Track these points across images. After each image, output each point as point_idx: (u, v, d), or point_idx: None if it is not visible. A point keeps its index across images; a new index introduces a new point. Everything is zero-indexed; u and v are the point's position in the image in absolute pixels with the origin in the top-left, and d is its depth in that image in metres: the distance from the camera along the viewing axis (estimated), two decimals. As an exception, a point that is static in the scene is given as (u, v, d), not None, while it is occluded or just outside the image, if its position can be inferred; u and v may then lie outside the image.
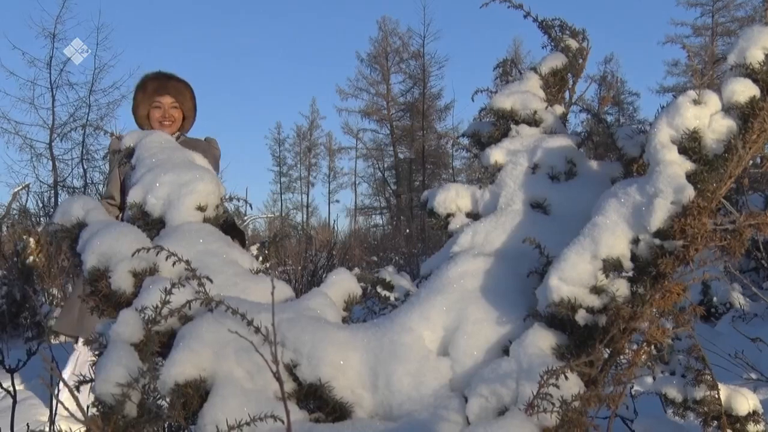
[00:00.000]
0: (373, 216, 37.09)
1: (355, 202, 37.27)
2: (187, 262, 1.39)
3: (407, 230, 14.89)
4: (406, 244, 14.16)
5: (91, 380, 1.25)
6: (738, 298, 4.96)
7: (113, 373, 1.15)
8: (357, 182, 37.79)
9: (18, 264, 6.66)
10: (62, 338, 6.64)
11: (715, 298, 4.99)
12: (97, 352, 1.33)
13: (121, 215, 3.94)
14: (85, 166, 19.24)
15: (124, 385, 1.16)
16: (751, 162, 1.29)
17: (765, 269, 4.59)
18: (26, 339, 6.09)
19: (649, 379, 3.13)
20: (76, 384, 1.30)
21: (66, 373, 3.40)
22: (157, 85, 3.95)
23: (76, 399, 0.96)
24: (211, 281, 1.37)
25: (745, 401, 1.51)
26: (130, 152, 1.83)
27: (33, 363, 3.27)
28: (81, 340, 3.46)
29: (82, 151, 19.20)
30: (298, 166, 39.59)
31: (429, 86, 34.94)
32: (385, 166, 36.59)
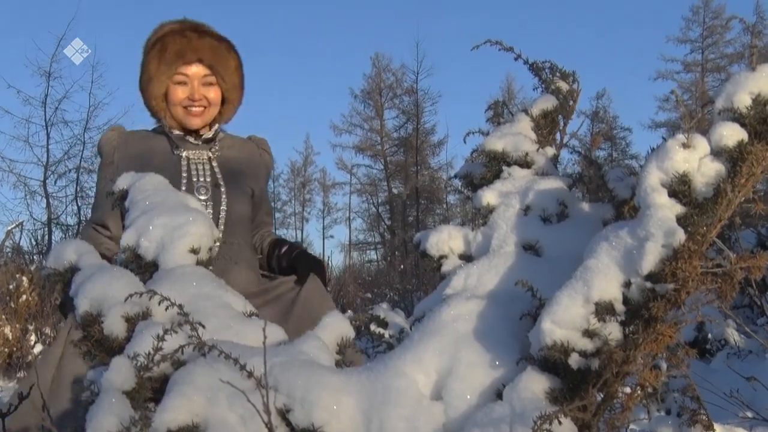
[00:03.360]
0: (368, 251, 37.05)
1: (350, 238, 37.26)
2: (180, 307, 1.39)
3: (401, 266, 14.87)
4: (400, 280, 14.15)
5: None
6: (733, 335, 4.96)
7: (105, 422, 1.15)
8: (351, 217, 37.82)
9: (11, 303, 6.63)
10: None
11: (709, 335, 4.98)
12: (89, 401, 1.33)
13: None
14: (80, 204, 19.22)
15: (115, 433, 1.16)
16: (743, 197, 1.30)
17: (759, 306, 4.59)
18: (18, 379, 6.04)
19: (644, 415, 3.11)
20: None
21: None
22: (183, 45, 2.61)
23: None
24: (203, 327, 1.37)
25: (740, 443, 1.51)
26: (124, 195, 1.84)
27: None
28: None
29: (76, 189, 19.20)
30: (293, 201, 39.60)
31: (422, 122, 35.13)
32: (380, 201, 36.64)
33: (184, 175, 2.62)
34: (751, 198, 1.30)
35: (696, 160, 1.26)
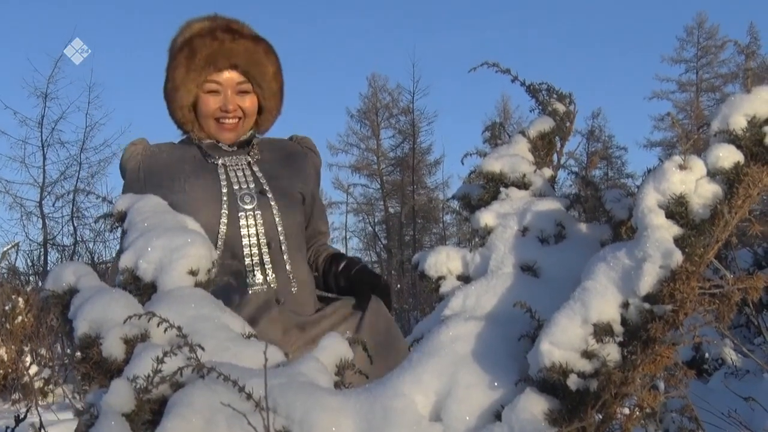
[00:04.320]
0: (364, 271, 36.88)
1: (346, 257, 37.10)
2: (179, 328, 1.39)
3: (398, 285, 14.85)
4: (397, 300, 14.13)
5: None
6: (730, 354, 4.96)
7: (104, 445, 1.15)
8: (348, 237, 37.75)
9: (6, 324, 6.61)
10: (50, 399, 6.56)
11: (707, 355, 4.99)
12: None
13: None
14: (75, 224, 19.20)
15: (114, 456, 1.16)
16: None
17: (756, 326, 4.60)
18: (13, 401, 6.02)
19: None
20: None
21: None
22: (214, 48, 2.33)
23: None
24: (202, 348, 1.37)
25: (739, 464, 1.51)
26: (122, 216, 1.84)
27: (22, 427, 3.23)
28: None
29: (72, 209, 19.18)
30: (289, 221, 39.46)
31: (419, 141, 35.17)
32: (376, 220, 36.61)
33: (224, 182, 2.35)
34: (748, 218, 1.31)
35: (693, 182, 1.27)
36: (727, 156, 1.26)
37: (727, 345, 5.03)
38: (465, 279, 1.63)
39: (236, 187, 2.36)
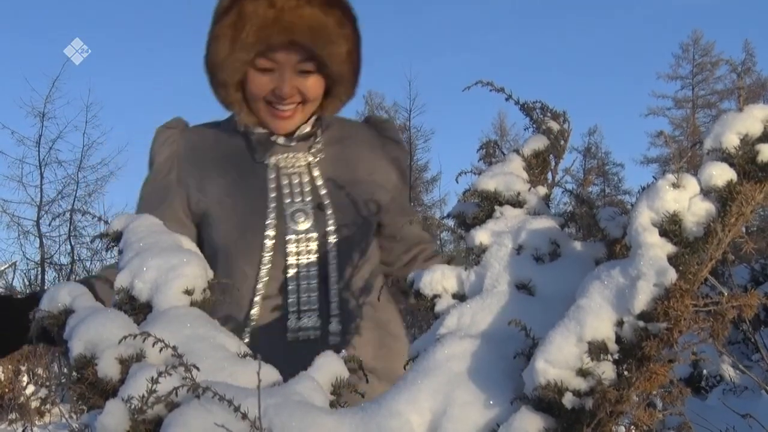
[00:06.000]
0: (362, 288, 36.89)
1: (344, 275, 37.11)
2: (174, 348, 1.39)
3: (396, 303, 14.81)
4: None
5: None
6: (728, 370, 4.95)
7: (99, 466, 1.14)
8: (345, 255, 37.70)
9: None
10: (47, 419, 6.53)
11: (704, 371, 4.98)
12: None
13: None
14: (73, 243, 19.19)
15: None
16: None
17: (753, 342, 4.60)
18: (10, 421, 5.99)
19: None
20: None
21: None
22: (270, 18, 1.80)
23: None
24: (197, 369, 1.36)
25: (736, 482, 1.51)
26: (118, 236, 1.84)
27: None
28: None
29: (69, 228, 19.19)
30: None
31: (416, 159, 35.27)
32: (374, 238, 36.58)
33: (272, 195, 1.95)
34: (744, 235, 1.31)
35: (686, 200, 1.27)
36: (720, 174, 1.26)
37: (725, 361, 5.02)
38: (460, 297, 1.63)
39: (287, 200, 1.96)
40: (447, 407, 1.36)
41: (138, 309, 1.66)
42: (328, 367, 1.57)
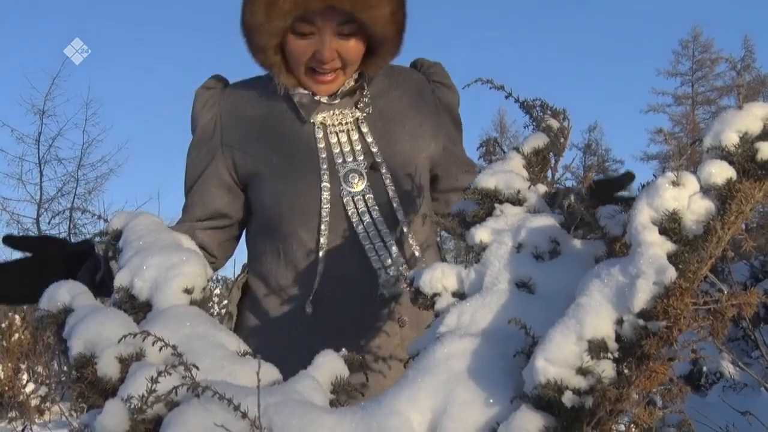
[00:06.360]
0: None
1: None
2: (174, 347, 1.39)
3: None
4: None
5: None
6: (728, 368, 4.95)
7: (98, 466, 1.14)
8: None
9: (2, 341, 6.60)
10: (47, 417, 6.53)
11: (704, 369, 4.98)
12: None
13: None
14: (72, 241, 19.20)
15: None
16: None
17: (752, 339, 4.60)
18: (9, 419, 6.00)
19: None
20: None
21: None
22: None
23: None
24: (197, 368, 1.36)
25: (736, 480, 1.51)
26: (117, 235, 1.84)
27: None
28: None
29: (69, 226, 19.20)
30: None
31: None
32: (374, 237, 36.54)
33: (323, 155, 1.88)
34: (743, 232, 1.31)
35: (685, 198, 1.27)
36: (720, 172, 1.26)
37: (725, 358, 5.02)
38: (460, 295, 1.63)
39: (339, 160, 1.89)
40: (447, 406, 1.36)
41: (138, 308, 1.66)
42: (328, 365, 1.57)
